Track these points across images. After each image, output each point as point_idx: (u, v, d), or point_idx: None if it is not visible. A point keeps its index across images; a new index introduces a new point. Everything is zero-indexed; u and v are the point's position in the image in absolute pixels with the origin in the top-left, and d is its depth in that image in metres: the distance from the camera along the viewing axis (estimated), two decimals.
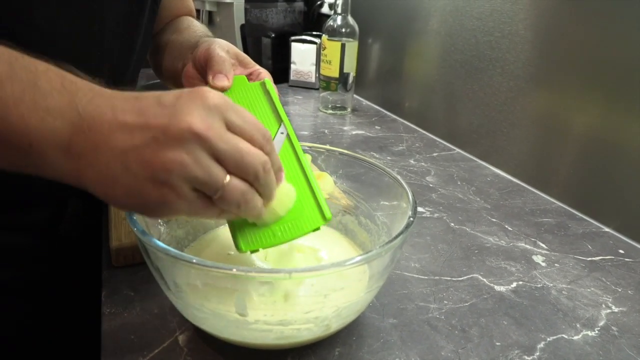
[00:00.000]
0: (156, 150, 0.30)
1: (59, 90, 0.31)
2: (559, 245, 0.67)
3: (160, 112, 0.30)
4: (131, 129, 0.30)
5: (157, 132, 0.30)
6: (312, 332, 0.40)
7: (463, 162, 0.95)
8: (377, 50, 1.30)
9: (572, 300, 0.55)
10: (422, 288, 0.56)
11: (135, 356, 0.44)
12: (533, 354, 0.47)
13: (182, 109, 0.30)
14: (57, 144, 0.30)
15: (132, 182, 0.30)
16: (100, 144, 0.30)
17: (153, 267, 0.40)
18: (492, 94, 0.90)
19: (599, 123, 0.72)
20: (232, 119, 0.33)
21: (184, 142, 0.30)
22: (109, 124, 0.30)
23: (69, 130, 0.30)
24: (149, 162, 0.30)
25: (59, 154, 0.31)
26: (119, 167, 0.30)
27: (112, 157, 0.30)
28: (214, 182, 0.31)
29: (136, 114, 0.30)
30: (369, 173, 0.56)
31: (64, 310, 0.65)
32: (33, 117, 0.30)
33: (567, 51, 0.75)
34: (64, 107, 0.30)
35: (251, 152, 0.33)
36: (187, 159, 0.30)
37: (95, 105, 0.31)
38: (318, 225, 0.42)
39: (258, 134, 0.34)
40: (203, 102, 0.31)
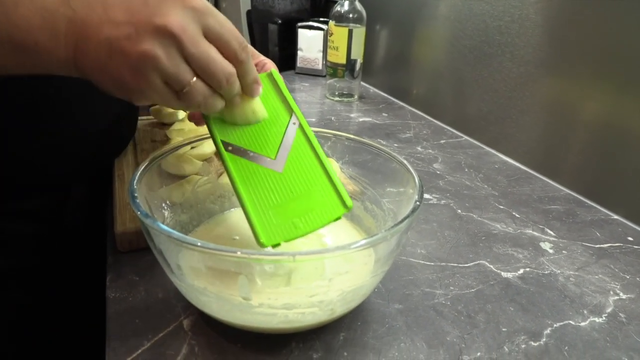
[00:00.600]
0: (135, 41, 0.33)
1: None
2: (567, 232, 0.66)
3: (144, 10, 0.33)
4: (118, 23, 0.33)
5: (138, 27, 0.33)
6: (316, 316, 0.39)
7: (471, 149, 0.94)
8: (385, 37, 1.29)
9: (579, 287, 0.55)
10: (428, 274, 0.56)
11: (139, 340, 0.44)
12: (539, 340, 0.47)
13: (163, 9, 0.33)
14: (57, 39, 0.33)
15: (114, 70, 0.34)
16: (91, 35, 0.33)
17: (156, 250, 0.40)
18: (502, 80, 0.89)
19: (609, 109, 0.71)
20: (210, 24, 0.35)
21: (160, 38, 0.33)
22: (98, 18, 0.33)
23: (65, 24, 0.33)
24: (128, 52, 0.33)
25: (59, 47, 0.34)
26: (105, 55, 0.33)
27: (99, 46, 0.33)
28: (180, 79, 0.35)
29: (123, 11, 0.33)
30: (375, 159, 0.55)
31: (69, 296, 0.65)
32: (33, 15, 0.33)
33: (579, 36, 0.74)
34: (59, 4, 0.33)
35: (218, 62, 0.35)
36: (160, 53, 0.33)
37: (89, 4, 0.34)
38: (339, 214, 0.41)
39: (234, 41, 0.36)
40: (184, 4, 0.33)
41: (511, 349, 0.45)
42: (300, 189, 0.43)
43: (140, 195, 0.41)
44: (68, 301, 0.65)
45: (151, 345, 0.43)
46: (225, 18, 0.36)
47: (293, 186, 0.43)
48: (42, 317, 0.62)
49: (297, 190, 0.43)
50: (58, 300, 0.64)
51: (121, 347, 0.43)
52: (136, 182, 0.42)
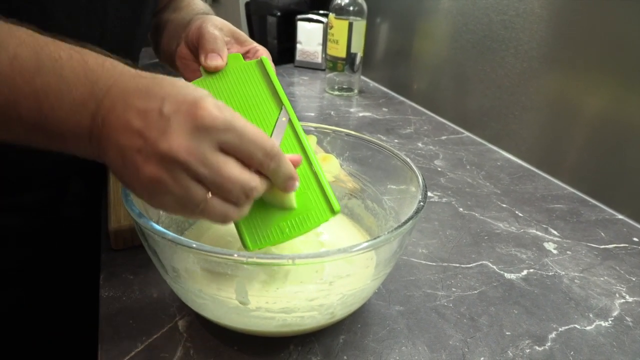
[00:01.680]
0: (145, 159, 0.32)
1: (82, 81, 0.33)
2: (571, 232, 0.65)
3: (156, 122, 0.31)
4: (132, 131, 0.32)
5: (148, 144, 0.31)
6: (316, 320, 0.38)
7: (472, 146, 0.93)
8: (386, 30, 1.27)
9: (584, 289, 0.53)
10: (430, 275, 0.54)
11: (133, 342, 0.42)
12: (544, 344, 0.45)
13: (171, 128, 0.31)
14: (82, 133, 0.33)
15: (128, 178, 0.33)
16: (110, 137, 0.33)
17: (151, 250, 0.38)
18: (505, 76, 0.87)
19: (614, 106, 0.69)
20: (226, 140, 0.33)
21: (166, 162, 0.31)
22: (116, 120, 0.32)
23: (90, 121, 0.33)
24: (138, 168, 0.32)
25: (84, 140, 0.34)
26: (120, 161, 0.33)
27: (116, 151, 0.33)
28: (191, 201, 0.33)
29: (139, 117, 0.32)
30: (376, 155, 0.54)
31: (63, 294, 0.64)
32: (62, 109, 0.33)
33: (584, 31, 0.72)
34: (87, 99, 0.33)
35: (234, 179, 0.33)
36: (166, 178, 0.32)
37: (110, 98, 0.33)
38: (326, 219, 0.40)
39: (258, 152, 0.34)
40: (195, 123, 0.31)
41: (515, 354, 0.44)
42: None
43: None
44: (62, 299, 0.64)
45: (145, 348, 0.42)
46: (249, 125, 0.34)
47: None
48: (35, 315, 0.61)
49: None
50: (51, 299, 0.63)
51: (114, 349, 0.42)
52: None
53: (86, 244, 0.63)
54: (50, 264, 0.61)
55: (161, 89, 0.33)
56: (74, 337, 0.64)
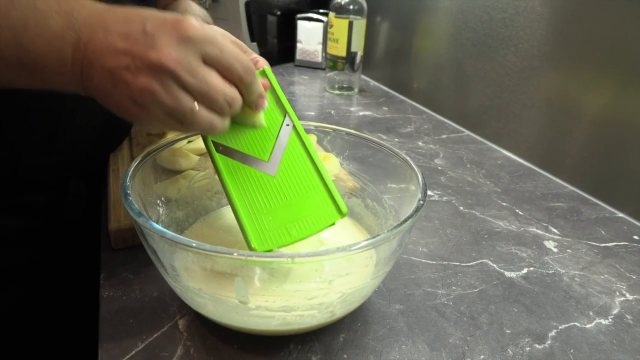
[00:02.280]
0: (135, 74, 0.33)
1: (57, 10, 0.34)
2: (571, 231, 0.64)
3: (142, 40, 0.33)
4: (117, 52, 0.33)
5: (136, 59, 0.33)
6: (315, 318, 0.38)
7: (473, 145, 0.93)
8: (386, 29, 1.27)
9: (584, 288, 0.53)
10: (430, 273, 0.54)
11: (133, 341, 0.42)
12: (544, 343, 0.45)
13: (159, 41, 0.33)
14: (64, 63, 0.34)
15: (118, 99, 0.34)
16: (94, 62, 0.33)
17: (150, 250, 0.38)
18: (505, 74, 0.87)
19: (615, 104, 0.69)
20: (208, 51, 0.34)
21: (156, 72, 0.33)
22: (100, 45, 0.33)
23: (71, 50, 0.34)
24: (129, 84, 0.33)
25: (67, 71, 0.34)
26: (108, 83, 0.34)
27: (103, 74, 0.34)
28: (181, 110, 0.35)
29: (123, 38, 0.33)
30: (376, 154, 0.54)
31: (63, 294, 0.64)
32: (41, 40, 0.33)
33: (585, 29, 0.72)
34: (64, 29, 0.33)
35: (218, 87, 0.35)
36: (157, 87, 0.33)
37: (89, 26, 0.34)
38: (334, 221, 0.41)
39: (237, 64, 0.36)
40: (179, 34, 0.33)
41: (515, 352, 0.44)
42: (294, 194, 0.42)
43: (133, 192, 0.39)
44: (62, 299, 0.64)
45: (145, 347, 0.42)
46: (228, 40, 0.36)
47: (286, 190, 0.42)
48: (36, 314, 0.61)
49: (290, 195, 0.42)
50: (52, 298, 0.63)
51: (114, 349, 0.42)
52: (129, 179, 0.40)
53: (86, 244, 0.63)
54: (51, 264, 0.61)
55: (139, 14, 0.34)
56: (74, 336, 0.64)
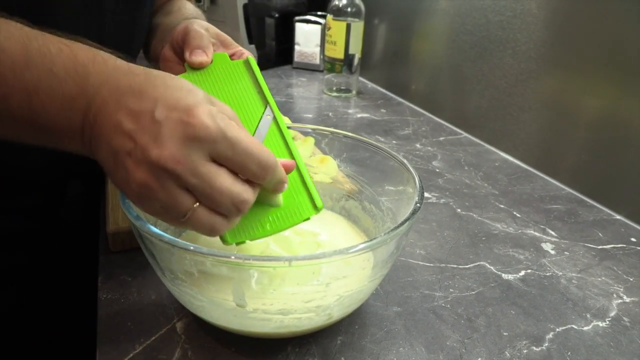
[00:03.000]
0: (136, 163, 0.31)
1: (72, 76, 0.32)
2: (568, 233, 0.65)
3: (148, 127, 0.31)
4: (123, 132, 0.31)
5: (139, 149, 0.31)
6: (313, 321, 0.38)
7: (470, 147, 0.93)
8: (384, 31, 1.27)
9: (582, 290, 0.54)
10: (428, 276, 0.54)
11: (131, 344, 0.42)
12: (542, 345, 0.46)
13: (163, 134, 0.31)
14: (73, 130, 0.33)
15: (119, 180, 0.33)
16: (102, 136, 0.32)
17: (148, 253, 0.38)
18: (502, 76, 0.88)
19: (612, 107, 0.69)
20: (218, 150, 0.32)
21: (155, 169, 0.31)
22: (108, 119, 0.32)
23: (81, 119, 0.33)
24: (128, 171, 0.31)
25: (76, 137, 0.34)
26: (111, 161, 0.32)
27: (107, 151, 0.32)
28: (178, 209, 0.32)
29: (131, 119, 0.31)
30: (374, 157, 0.54)
31: (61, 296, 0.64)
32: (52, 104, 0.32)
33: (582, 31, 0.72)
34: (77, 96, 0.32)
35: (224, 190, 0.32)
36: (154, 185, 0.31)
37: (102, 96, 0.32)
38: (309, 216, 0.40)
39: (252, 164, 0.33)
40: (185, 132, 0.31)
41: (513, 354, 0.44)
42: None
43: None
44: (60, 301, 0.64)
45: (143, 349, 0.42)
46: (242, 135, 0.33)
47: None
48: (34, 316, 0.61)
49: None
50: (50, 300, 0.63)
51: (112, 351, 0.42)
52: None
53: (84, 246, 0.63)
54: (49, 266, 0.61)
55: (154, 89, 0.32)
56: (72, 338, 0.64)
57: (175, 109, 0.31)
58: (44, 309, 0.62)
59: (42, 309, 0.62)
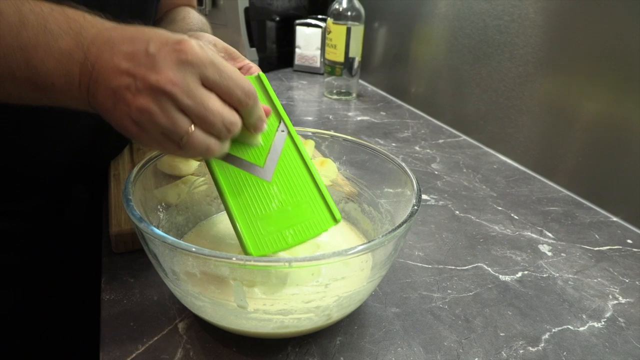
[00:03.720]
0: (135, 94, 0.34)
1: (66, 31, 0.35)
2: (565, 235, 0.65)
3: (144, 61, 0.34)
4: (121, 72, 0.34)
5: (137, 80, 0.33)
6: (312, 321, 0.39)
7: (469, 149, 0.94)
8: (384, 35, 1.28)
9: (578, 291, 0.54)
10: (426, 277, 0.55)
11: (134, 344, 0.43)
12: (538, 345, 0.46)
13: (159, 62, 0.34)
14: (72, 81, 0.35)
15: (118, 117, 0.35)
16: (99, 80, 0.35)
17: (151, 254, 0.39)
18: (500, 80, 0.88)
19: (609, 110, 0.70)
20: (208, 75, 0.35)
21: (154, 93, 0.33)
22: (105, 64, 0.34)
23: (79, 68, 0.35)
24: (128, 103, 0.34)
25: (74, 88, 0.36)
26: (110, 101, 0.35)
27: (106, 93, 0.35)
28: (177, 131, 0.35)
29: (127, 59, 0.34)
30: (373, 160, 0.55)
31: (65, 296, 0.65)
32: (50, 60, 0.35)
33: (579, 35, 0.73)
34: (73, 48, 0.35)
35: (216, 111, 0.35)
36: (154, 108, 0.34)
37: (97, 46, 0.35)
38: (328, 228, 0.41)
39: (237, 89, 0.36)
40: (179, 57, 0.34)
41: (509, 355, 0.45)
42: (289, 200, 0.43)
43: (134, 197, 0.40)
44: (63, 302, 0.65)
45: (146, 349, 0.43)
46: (227, 65, 0.36)
47: (282, 196, 0.43)
48: (37, 316, 0.61)
49: (286, 201, 0.42)
50: (53, 301, 0.63)
51: (115, 351, 0.42)
52: (131, 184, 0.41)
53: (87, 248, 0.64)
54: (52, 267, 0.62)
55: (144, 34, 0.35)
56: (75, 339, 0.65)
57: (167, 42, 0.34)
58: (47, 309, 0.63)
59: (45, 309, 0.62)
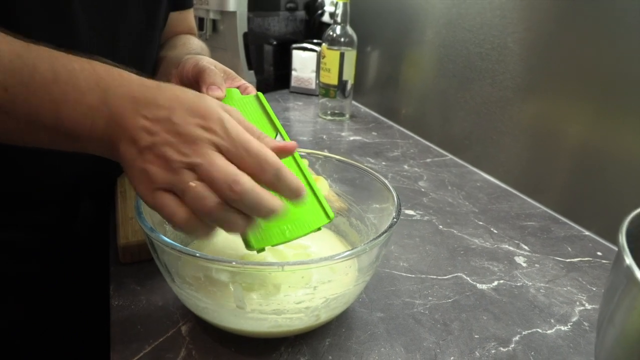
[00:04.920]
0: (155, 155, 0.36)
1: (94, 88, 0.38)
2: (540, 247, 0.70)
3: (168, 127, 0.37)
4: (145, 132, 0.37)
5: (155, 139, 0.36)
6: (303, 321, 0.44)
7: (455, 168, 0.99)
8: (376, 59, 1.34)
9: (548, 298, 0.59)
10: (409, 285, 0.60)
11: (141, 344, 0.48)
12: (508, 346, 0.51)
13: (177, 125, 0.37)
14: (96, 135, 0.38)
15: (137, 170, 0.37)
16: (122, 137, 0.38)
17: (159, 261, 0.44)
18: (482, 103, 0.94)
19: (584, 133, 0.76)
20: (229, 148, 0.37)
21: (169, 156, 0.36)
22: (129, 123, 0.37)
23: (104, 124, 0.38)
24: (148, 161, 0.36)
25: (98, 140, 0.39)
26: (131, 156, 0.37)
27: (128, 148, 0.37)
28: (180, 183, 0.36)
29: (151, 122, 0.37)
30: (362, 178, 0.60)
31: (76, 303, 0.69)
32: (78, 115, 0.38)
33: (554, 64, 0.79)
34: (99, 105, 0.38)
35: (220, 168, 0.36)
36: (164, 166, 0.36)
37: (121, 105, 0.38)
38: (322, 224, 0.45)
39: (249, 158, 0.37)
40: (196, 123, 0.37)
41: (482, 354, 0.49)
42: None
43: (145, 210, 0.45)
44: (74, 308, 0.69)
45: (152, 349, 0.47)
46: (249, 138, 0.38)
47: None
48: (50, 322, 0.66)
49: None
50: (64, 307, 0.68)
51: (125, 351, 0.47)
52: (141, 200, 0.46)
53: (96, 258, 0.69)
54: (64, 276, 0.67)
55: (166, 96, 0.38)
56: (86, 342, 0.69)
57: (191, 114, 0.37)
58: (58, 315, 0.67)
59: (57, 316, 0.67)
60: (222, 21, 1.38)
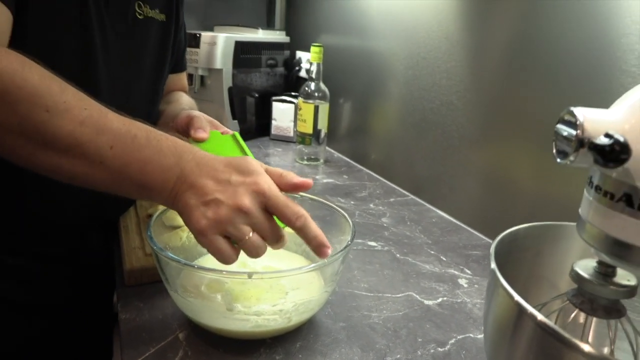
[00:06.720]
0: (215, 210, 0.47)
1: (172, 152, 0.50)
2: (481, 272, 0.84)
3: (226, 187, 0.48)
4: (208, 189, 0.48)
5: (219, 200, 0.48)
6: (277, 322, 0.55)
7: (415, 206, 1.13)
8: (347, 110, 1.50)
9: (482, 311, 0.72)
10: (368, 302, 0.72)
11: (146, 347, 0.58)
12: (445, 347, 0.63)
13: (239, 191, 0.48)
14: (165, 187, 0.49)
15: (196, 217, 0.48)
16: (189, 192, 0.48)
17: (164, 276, 0.56)
18: (436, 151, 1.10)
19: (521, 175, 0.91)
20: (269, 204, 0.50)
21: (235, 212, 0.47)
22: (196, 181, 0.48)
23: (174, 181, 0.49)
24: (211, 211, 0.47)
25: (166, 193, 0.49)
26: (192, 206, 0.48)
27: (191, 200, 0.48)
28: (240, 235, 0.48)
29: (214, 182, 0.48)
30: (332, 214, 0.72)
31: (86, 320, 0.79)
32: (157, 172, 0.49)
33: (490, 117, 0.95)
34: (174, 166, 0.49)
35: (272, 225, 0.50)
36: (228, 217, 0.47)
37: (190, 167, 0.49)
38: None
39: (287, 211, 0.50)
40: (254, 189, 0.48)
41: (423, 353, 0.61)
42: None
43: (153, 234, 0.57)
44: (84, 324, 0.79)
45: (155, 351, 0.58)
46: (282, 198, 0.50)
47: None
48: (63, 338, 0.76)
49: None
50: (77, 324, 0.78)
51: (132, 352, 0.58)
52: (150, 229, 0.58)
53: (105, 282, 0.80)
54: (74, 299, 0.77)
55: (224, 168, 0.49)
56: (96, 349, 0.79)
57: (244, 177, 0.49)
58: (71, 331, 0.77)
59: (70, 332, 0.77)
60: (210, 77, 1.54)
